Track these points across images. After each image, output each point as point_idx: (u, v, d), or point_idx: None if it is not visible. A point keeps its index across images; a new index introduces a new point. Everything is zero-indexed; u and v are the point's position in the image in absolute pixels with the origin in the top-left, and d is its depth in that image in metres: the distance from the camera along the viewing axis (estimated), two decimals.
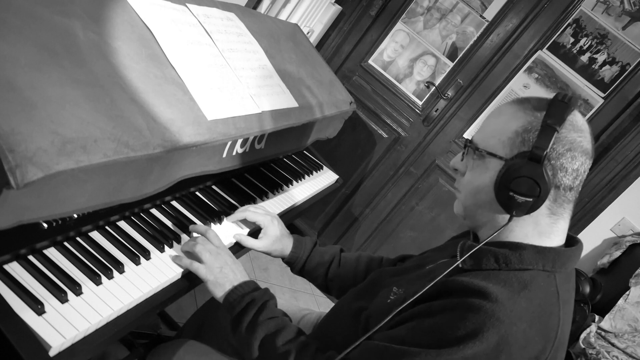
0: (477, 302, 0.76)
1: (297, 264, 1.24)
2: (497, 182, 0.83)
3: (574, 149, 0.81)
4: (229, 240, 1.15)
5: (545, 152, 0.79)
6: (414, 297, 0.82)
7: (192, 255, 1.01)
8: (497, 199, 0.84)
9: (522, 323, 0.76)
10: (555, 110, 0.81)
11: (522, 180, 0.80)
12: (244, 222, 1.22)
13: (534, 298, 0.79)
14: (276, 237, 1.19)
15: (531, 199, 0.81)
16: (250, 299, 0.96)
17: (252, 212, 1.20)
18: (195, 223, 1.12)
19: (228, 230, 1.18)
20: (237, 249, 1.18)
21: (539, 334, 0.78)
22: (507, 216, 0.84)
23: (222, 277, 0.98)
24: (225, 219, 1.19)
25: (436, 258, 1.00)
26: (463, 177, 0.92)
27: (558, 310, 0.81)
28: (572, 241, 0.90)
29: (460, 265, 0.86)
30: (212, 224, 1.16)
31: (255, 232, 1.22)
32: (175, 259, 0.99)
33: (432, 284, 0.81)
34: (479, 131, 0.91)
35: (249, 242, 1.17)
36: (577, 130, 0.82)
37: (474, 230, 0.95)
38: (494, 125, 0.88)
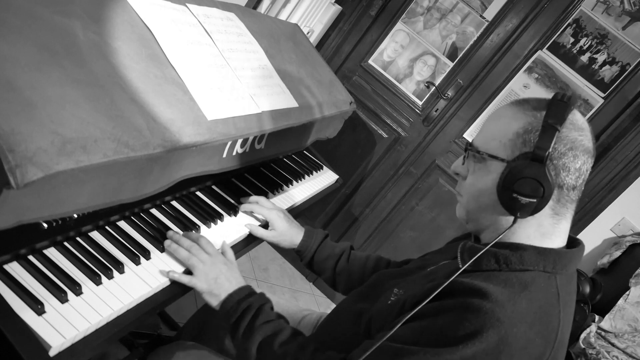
0: (477, 303, 0.76)
1: (307, 254, 1.26)
2: (500, 184, 0.83)
3: (576, 147, 0.81)
4: (232, 237, 1.18)
5: (547, 152, 0.79)
6: (420, 306, 0.80)
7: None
8: (500, 201, 0.83)
9: (523, 324, 0.76)
10: (555, 110, 0.81)
11: (525, 182, 0.80)
12: (255, 215, 1.27)
13: (535, 299, 0.79)
14: (285, 228, 1.23)
15: (535, 200, 0.80)
16: (247, 305, 0.96)
17: (259, 206, 1.24)
18: (195, 223, 1.12)
19: (241, 220, 1.23)
20: (243, 245, 1.21)
21: (539, 335, 0.77)
22: (510, 218, 0.84)
23: (218, 287, 0.98)
24: (238, 208, 1.25)
25: (437, 260, 1.00)
26: (465, 180, 0.91)
27: (558, 312, 0.81)
28: (573, 243, 0.89)
29: (460, 266, 0.85)
30: (217, 221, 1.17)
31: (266, 223, 1.27)
32: (171, 274, 0.97)
33: (437, 291, 0.80)
34: (479, 134, 0.90)
35: (260, 231, 1.22)
36: (578, 129, 0.82)
37: (476, 233, 0.94)
38: (494, 127, 0.87)
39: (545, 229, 0.85)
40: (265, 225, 1.26)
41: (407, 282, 0.96)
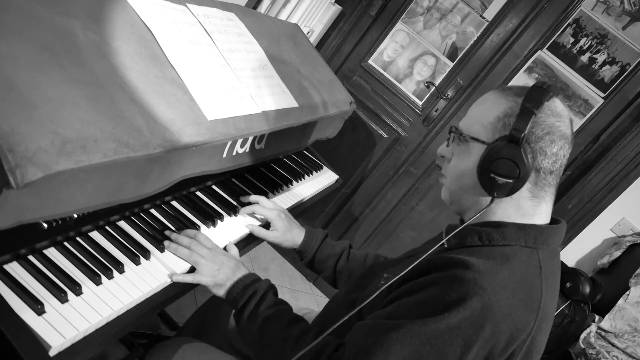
0: (461, 273, 0.79)
1: (308, 254, 1.28)
2: (480, 164, 0.86)
3: (553, 132, 0.84)
4: (235, 235, 1.18)
5: (523, 134, 0.82)
6: (401, 274, 0.84)
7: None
8: (479, 181, 0.87)
9: (505, 291, 0.78)
10: (533, 95, 0.84)
11: (502, 162, 0.83)
12: (254, 215, 1.27)
13: (516, 270, 0.82)
14: (286, 228, 1.24)
15: (511, 180, 0.83)
16: (252, 291, 0.99)
17: (260, 206, 1.25)
18: (195, 223, 1.12)
19: (242, 219, 1.23)
20: (243, 245, 1.21)
21: (522, 304, 0.79)
22: (490, 198, 0.87)
23: (222, 277, 1.01)
24: (239, 208, 1.25)
25: (426, 248, 1.01)
26: (449, 163, 0.95)
27: (540, 283, 0.83)
28: (555, 222, 0.92)
29: (445, 245, 0.90)
30: (217, 221, 1.17)
31: (267, 224, 1.27)
32: (175, 277, 0.98)
33: (418, 261, 0.84)
34: (464, 118, 0.94)
35: (262, 232, 1.22)
36: (556, 115, 0.85)
37: (460, 214, 0.98)
38: (477, 111, 0.91)
39: (525, 210, 0.87)
40: (265, 225, 1.26)
41: (395, 268, 0.99)
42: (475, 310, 0.75)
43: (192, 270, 1.01)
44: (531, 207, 0.87)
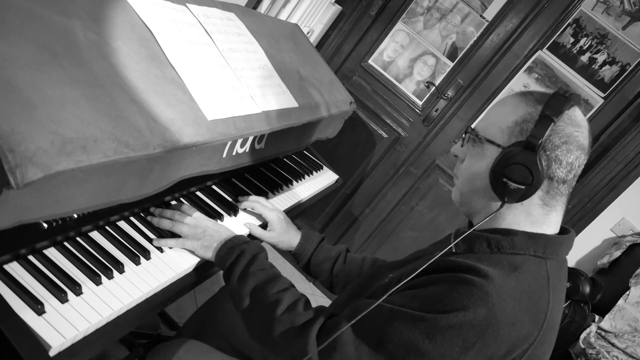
0: (468, 277, 0.79)
1: (304, 257, 1.27)
2: (493, 168, 0.85)
3: (570, 142, 0.82)
4: (242, 230, 1.20)
5: (540, 141, 0.81)
6: (412, 276, 0.84)
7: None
8: (491, 185, 0.86)
9: (511, 300, 0.78)
10: (554, 103, 0.83)
11: (516, 167, 0.82)
12: (254, 215, 1.28)
13: (524, 279, 0.81)
14: (283, 230, 1.24)
15: (523, 187, 0.82)
16: (240, 251, 1.00)
17: (260, 204, 1.25)
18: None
19: (240, 219, 1.24)
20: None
21: (527, 314, 0.79)
22: (500, 203, 0.86)
23: (208, 239, 1.02)
24: (238, 205, 1.26)
25: (432, 251, 1.01)
26: (462, 164, 0.94)
27: (548, 294, 0.82)
28: (564, 231, 0.91)
29: (453, 250, 0.88)
30: (217, 221, 1.17)
31: (264, 225, 1.27)
32: (154, 240, 1.00)
33: (428, 263, 0.84)
34: (481, 119, 0.93)
35: (258, 231, 1.22)
36: (575, 125, 0.84)
37: (469, 217, 0.97)
38: (496, 114, 0.90)
39: (535, 218, 0.87)
40: (264, 226, 1.26)
41: (402, 269, 0.99)
42: (479, 315, 0.75)
43: (197, 268, 1.02)
44: (541, 215, 0.86)
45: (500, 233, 0.86)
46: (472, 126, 0.92)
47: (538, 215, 0.86)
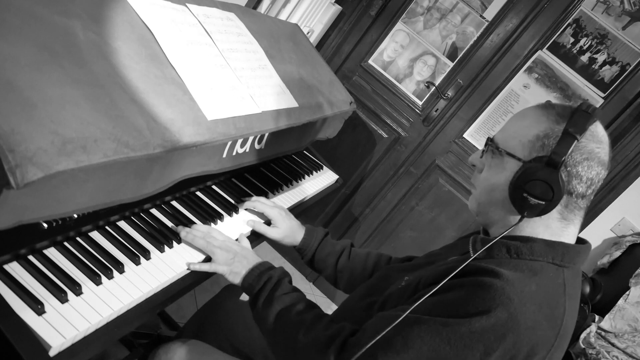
0: (489, 281, 0.78)
1: (308, 252, 1.28)
2: (513, 182, 0.85)
3: (592, 158, 0.83)
4: (244, 229, 1.21)
5: (563, 159, 0.81)
6: (440, 285, 0.82)
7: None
8: (510, 198, 0.86)
9: (532, 305, 0.78)
10: (577, 120, 0.82)
11: (537, 183, 0.82)
12: (256, 213, 1.29)
13: (543, 285, 0.81)
14: (286, 226, 1.25)
15: (544, 203, 0.82)
16: (267, 278, 1.02)
17: (262, 203, 1.26)
18: (195, 223, 1.12)
19: (242, 218, 1.24)
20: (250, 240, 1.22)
21: (546, 319, 0.79)
22: (518, 216, 0.86)
23: (237, 265, 1.05)
24: (239, 206, 1.27)
25: (446, 256, 1.02)
26: (480, 174, 0.94)
27: (564, 301, 0.83)
28: (581, 242, 0.92)
29: (472, 255, 0.88)
30: (217, 221, 1.17)
31: (267, 223, 1.28)
32: (192, 266, 1.03)
33: (454, 273, 0.82)
34: (501, 131, 0.93)
35: (262, 228, 1.24)
36: (597, 141, 0.84)
37: (485, 227, 0.97)
38: (517, 127, 0.89)
39: (553, 231, 0.87)
40: (267, 224, 1.26)
41: (417, 272, 0.98)
42: (500, 319, 0.75)
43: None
44: (559, 228, 0.87)
45: (519, 240, 0.86)
46: (492, 137, 0.92)
47: (556, 229, 0.87)
